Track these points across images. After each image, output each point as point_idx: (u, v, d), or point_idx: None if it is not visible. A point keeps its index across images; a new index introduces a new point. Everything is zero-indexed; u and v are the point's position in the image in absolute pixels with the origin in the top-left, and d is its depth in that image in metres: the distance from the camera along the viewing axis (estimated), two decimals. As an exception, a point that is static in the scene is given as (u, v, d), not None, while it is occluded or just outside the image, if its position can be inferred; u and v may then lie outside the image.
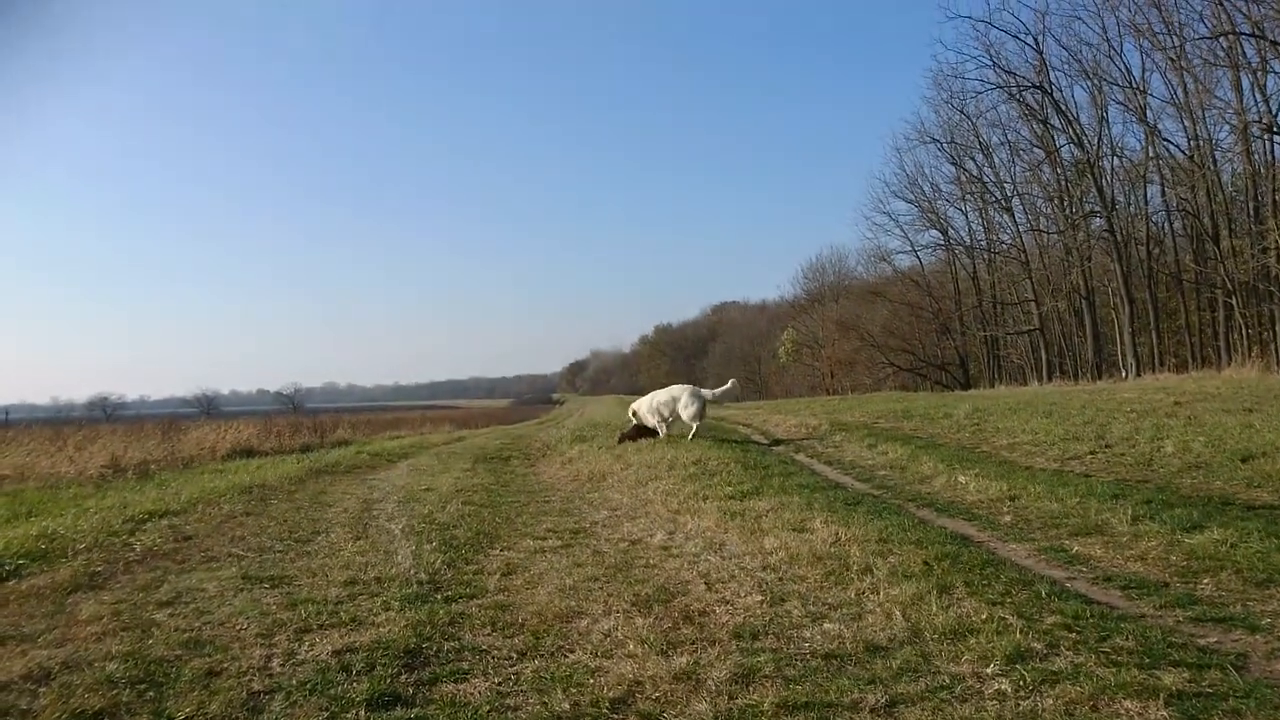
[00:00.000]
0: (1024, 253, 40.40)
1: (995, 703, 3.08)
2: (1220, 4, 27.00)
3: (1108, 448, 10.06)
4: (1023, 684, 3.22)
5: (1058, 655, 3.50)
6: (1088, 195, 35.99)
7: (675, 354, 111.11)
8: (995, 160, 41.52)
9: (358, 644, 4.09)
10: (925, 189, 45.26)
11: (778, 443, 14.64)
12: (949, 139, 42.45)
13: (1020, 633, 3.71)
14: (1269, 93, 26.93)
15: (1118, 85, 33.27)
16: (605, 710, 3.21)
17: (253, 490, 10.23)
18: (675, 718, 3.09)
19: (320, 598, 4.98)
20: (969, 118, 40.83)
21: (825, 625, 4.09)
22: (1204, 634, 3.82)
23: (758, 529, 6.36)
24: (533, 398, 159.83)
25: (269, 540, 7.06)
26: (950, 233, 45.70)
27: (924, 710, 3.06)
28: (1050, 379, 35.27)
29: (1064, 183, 37.13)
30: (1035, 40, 35.34)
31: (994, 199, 42.12)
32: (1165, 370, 28.99)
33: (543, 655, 3.89)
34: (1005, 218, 42.03)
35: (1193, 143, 30.58)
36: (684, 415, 13.99)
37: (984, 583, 4.59)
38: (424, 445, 20.33)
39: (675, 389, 14.86)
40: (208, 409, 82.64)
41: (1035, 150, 38.50)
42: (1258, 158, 28.40)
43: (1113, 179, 35.08)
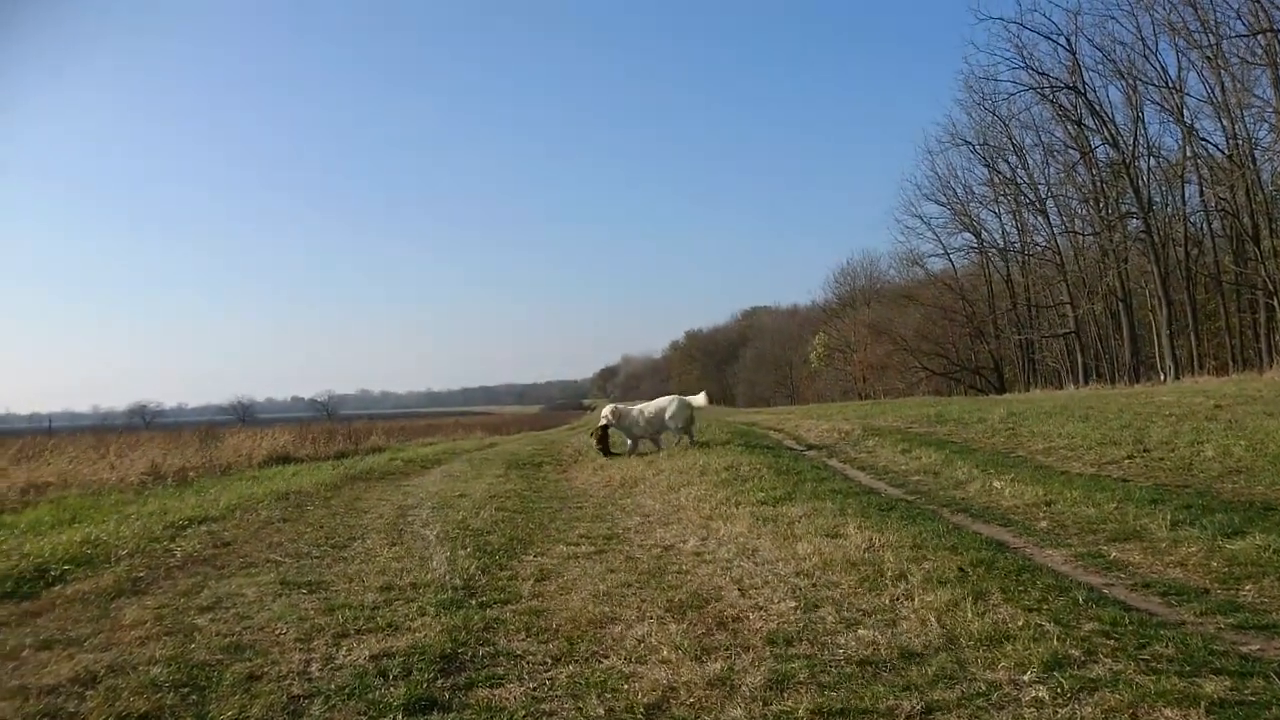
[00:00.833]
0: (1059, 255, 39.98)
1: (1033, 710, 3.05)
2: (1258, 1, 26.62)
3: (1146, 452, 9.92)
4: (1060, 691, 3.19)
5: (1096, 662, 3.47)
6: (1124, 196, 35.57)
7: (706, 359, 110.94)
8: (1029, 162, 41.17)
9: (394, 649, 4.14)
10: (958, 191, 44.97)
11: (810, 448, 14.59)
12: (981, 141, 42.18)
13: (1057, 639, 3.68)
14: (1310, 90, 26.49)
15: (1153, 85, 32.87)
16: (640, 716, 3.23)
17: (289, 497, 10.36)
18: (710, 723, 3.09)
19: (357, 603, 5.04)
20: (1001, 119, 40.54)
21: (860, 631, 4.08)
22: (1246, 641, 3.76)
23: (791, 535, 6.35)
24: (564, 403, 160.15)
25: (306, 546, 7.15)
26: (983, 235, 45.39)
27: (960, 717, 3.04)
28: (1086, 382, 34.82)
29: (1099, 184, 36.70)
30: (1068, 41, 35.03)
31: (1028, 201, 41.74)
32: (1205, 373, 28.53)
33: (577, 660, 3.92)
34: (1039, 220, 41.64)
35: (1231, 141, 30.11)
36: (673, 425, 14.10)
37: (1020, 589, 4.56)
38: (456, 451, 20.45)
39: (663, 400, 14.86)
40: (243, 416, 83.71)
41: (1069, 151, 38.11)
42: (1299, 156, 27.90)
43: (1149, 179, 34.64)
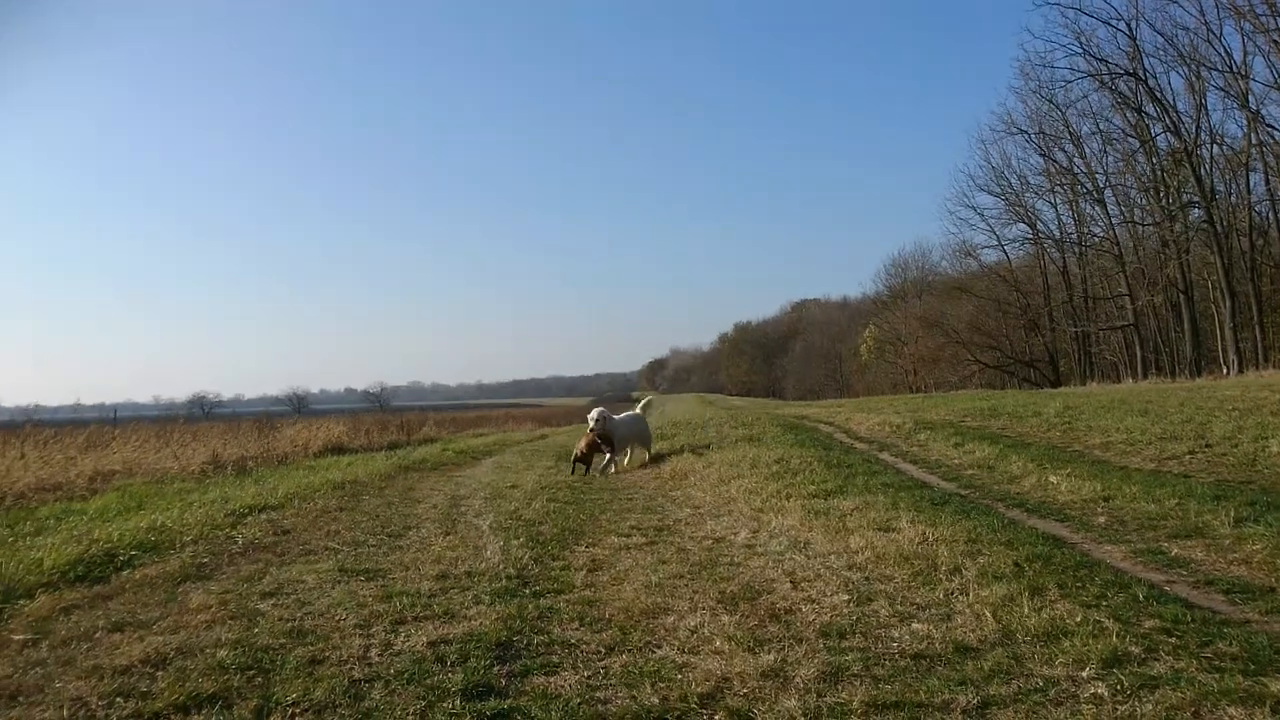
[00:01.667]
0: (1117, 246, 39.07)
1: (1092, 707, 3.02)
2: (1329, -18, 25.75)
3: (1208, 447, 9.70)
4: (1120, 688, 3.15)
5: (1157, 660, 3.42)
6: (1185, 185, 34.62)
7: (755, 352, 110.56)
8: (1086, 151, 40.27)
9: (451, 636, 4.21)
10: (1012, 181, 44.16)
11: (860, 441, 14.48)
12: (1037, 129, 41.38)
13: (1117, 636, 3.63)
14: (1383, 74, 25.58)
15: (1217, 70, 31.96)
16: (694, 705, 3.25)
17: (345, 486, 10.57)
18: (764, 714, 3.10)
19: (413, 591, 5.13)
20: (1058, 107, 39.70)
21: (913, 625, 4.06)
22: (1314, 641, 3.68)
23: (842, 528, 6.33)
24: (613, 396, 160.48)
25: (362, 535, 7.29)
26: (1039, 226, 44.50)
27: (1017, 713, 3.02)
28: (1145, 376, 34.09)
29: (1160, 173, 35.80)
30: (1128, 26, 34.22)
31: (1085, 191, 40.88)
32: (1270, 367, 27.71)
33: (630, 650, 3.95)
34: (1097, 210, 40.75)
35: (1299, 128, 29.16)
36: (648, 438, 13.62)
37: (1078, 585, 4.50)
38: (507, 443, 20.67)
39: (638, 412, 14.20)
40: (298, 407, 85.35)
41: (1129, 139, 37.22)
42: (1371, 142, 26.97)
43: (1212, 168, 33.72)
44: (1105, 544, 5.81)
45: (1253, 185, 33.11)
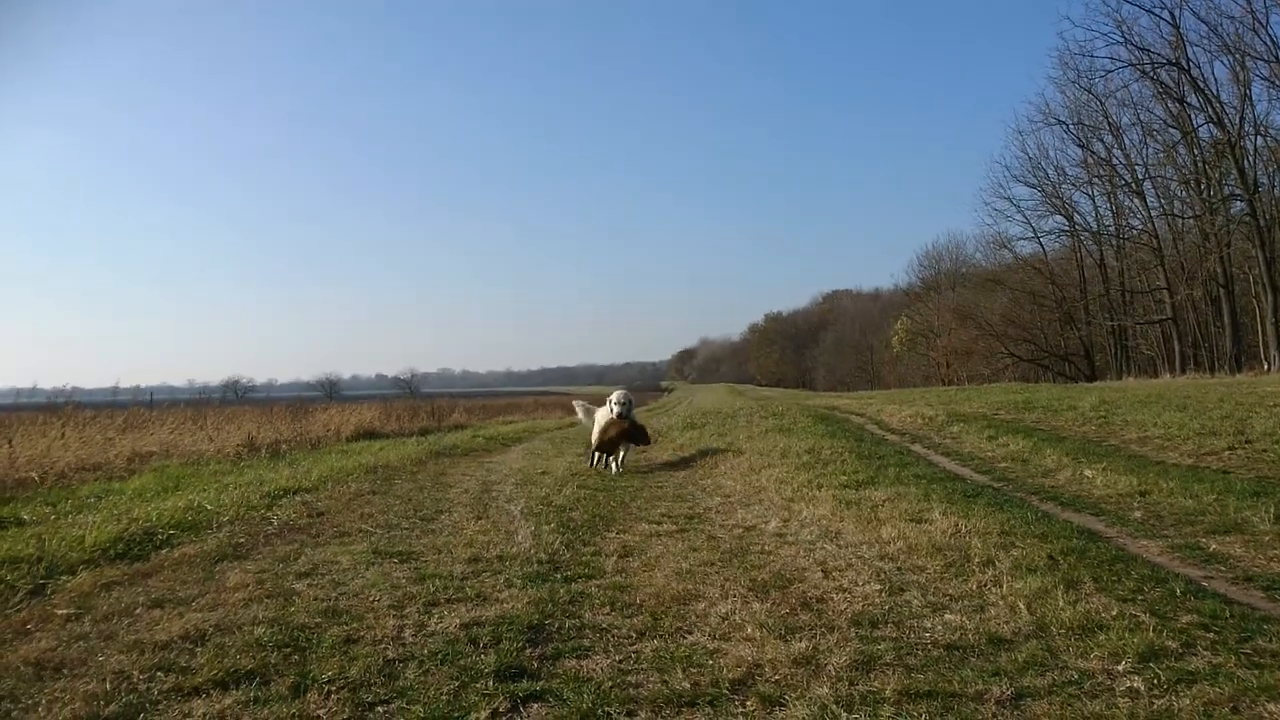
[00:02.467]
0: (1156, 239, 38.51)
1: (1128, 700, 2.99)
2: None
3: (1248, 443, 9.54)
4: (1157, 683, 3.12)
5: (1194, 655, 3.38)
6: (1228, 177, 34.05)
7: (785, 342, 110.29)
8: (1126, 142, 39.71)
9: (483, 618, 4.24)
10: (1049, 173, 43.65)
11: (892, 433, 14.40)
12: (1075, 120, 40.86)
13: (1154, 631, 3.59)
14: None
15: (1263, 60, 31.36)
16: (725, 691, 3.26)
17: (377, 470, 10.67)
18: (795, 700, 3.10)
19: (446, 573, 5.18)
20: (1097, 97, 39.18)
21: (946, 616, 4.04)
22: (1356, 639, 3.62)
23: (874, 518, 6.30)
24: (642, 385, 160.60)
25: (395, 518, 7.36)
26: (1075, 218, 43.99)
27: (1052, 704, 3.00)
28: (1184, 371, 33.56)
29: (1201, 164, 35.19)
30: (1171, 14, 33.66)
31: (1124, 182, 40.30)
32: (1312, 363, 27.18)
33: (662, 635, 3.96)
34: (1136, 202, 40.16)
35: (1347, 120, 28.51)
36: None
37: (1114, 579, 4.45)
38: (537, 430, 20.76)
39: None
40: (330, 393, 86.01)
41: (1170, 131, 36.64)
42: None
43: (1256, 160, 33.09)
44: (1141, 539, 5.74)
45: (1297, 178, 32.47)
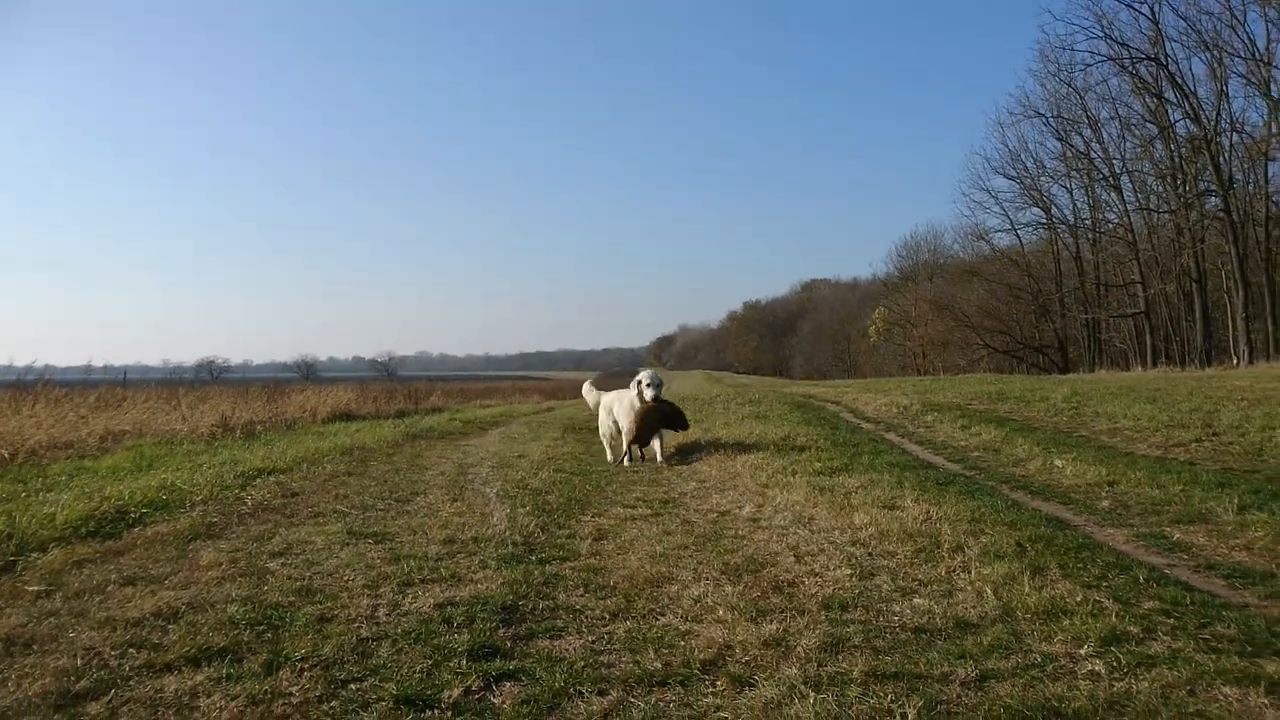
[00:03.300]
0: (1131, 233, 38.90)
1: (1088, 683, 3.06)
2: (1357, -31, 25.41)
3: (1215, 436, 9.70)
4: (1117, 666, 3.18)
5: (1155, 640, 3.45)
6: (1203, 173, 34.42)
7: (763, 330, 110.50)
8: (1104, 136, 40.06)
9: (457, 599, 4.27)
10: (1028, 165, 44.02)
11: (867, 421, 14.51)
12: (1055, 113, 41.21)
13: (1116, 616, 3.66)
14: None
15: (1240, 57, 31.71)
16: (696, 671, 3.29)
17: (353, 452, 10.64)
18: (765, 681, 3.15)
19: (421, 554, 5.19)
20: (1077, 91, 39.50)
21: (915, 600, 4.10)
22: (1312, 626, 3.71)
23: (847, 505, 6.37)
24: (620, 370, 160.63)
25: (370, 499, 7.36)
26: (1053, 211, 44.40)
27: (1015, 686, 3.06)
28: (1155, 364, 34.01)
29: (1178, 160, 35.57)
30: (1151, 9, 33.96)
31: (1101, 176, 40.68)
32: (1281, 358, 27.60)
33: (634, 617, 4.00)
34: (1112, 196, 40.58)
35: (1321, 118, 28.89)
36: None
37: (1079, 566, 4.53)
38: (514, 414, 20.73)
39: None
40: (307, 374, 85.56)
41: (1147, 125, 37.04)
42: (1392, 134, 26.70)
43: (1231, 156, 33.50)
44: (1108, 527, 5.84)
45: (1271, 175, 32.95)
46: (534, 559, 5.11)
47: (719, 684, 3.18)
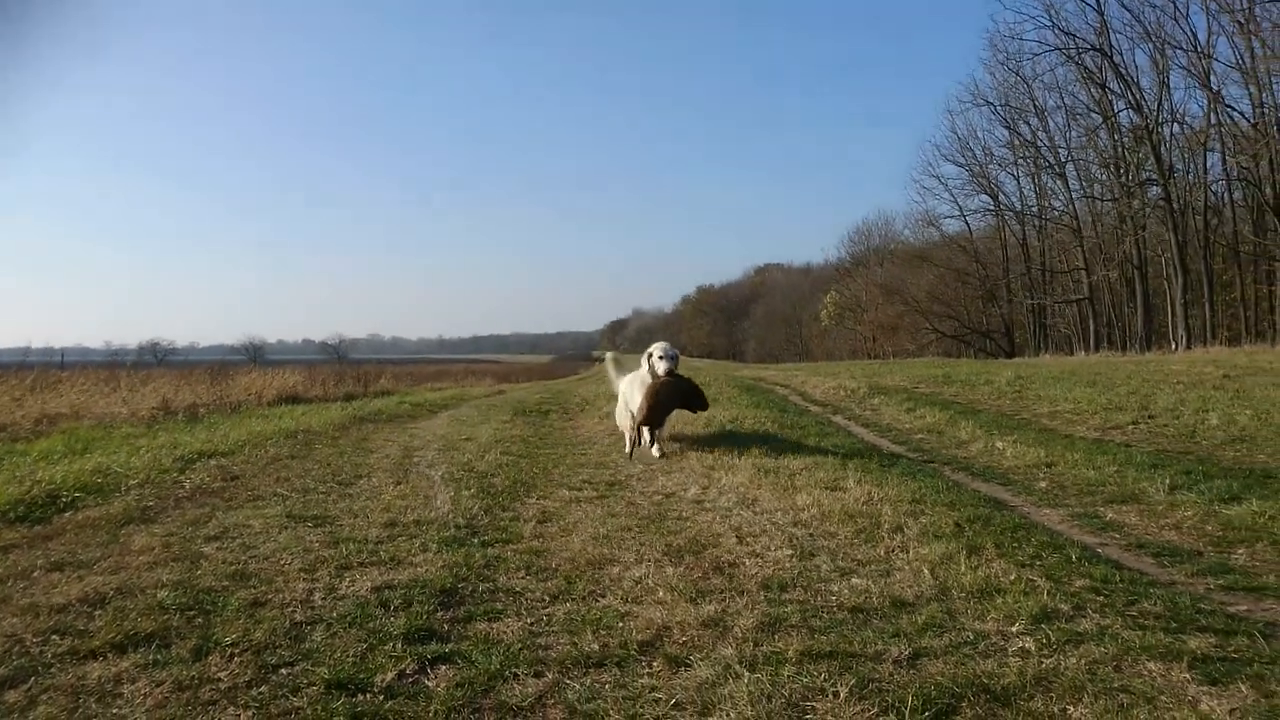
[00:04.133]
0: (1076, 220, 39.67)
1: (1018, 659, 3.11)
2: (1294, -36, 26.03)
3: (1151, 418, 9.94)
4: (1047, 643, 3.24)
5: (1084, 617, 3.52)
6: (1145, 162, 35.15)
7: (717, 314, 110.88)
8: (1050, 125, 40.77)
9: (396, 582, 4.21)
10: (977, 153, 44.63)
11: (815, 404, 14.63)
12: (1003, 102, 41.80)
13: (1048, 594, 3.73)
14: (1341, 59, 26.01)
15: (1181, 49, 32.37)
16: (634, 652, 3.29)
17: (298, 435, 10.47)
18: (701, 661, 3.15)
19: (361, 537, 5.12)
20: (1025, 80, 40.10)
21: (853, 580, 4.14)
22: (1234, 602, 3.81)
23: (791, 486, 6.41)
24: (574, 354, 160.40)
25: (313, 482, 7.24)
26: (1001, 198, 45.07)
27: (946, 664, 3.10)
28: (1097, 349, 34.75)
29: (1121, 149, 36.27)
30: (1097, 1, 34.37)
31: (1047, 164, 41.38)
32: (1217, 344, 28.41)
33: (575, 599, 3.98)
34: (1058, 184, 41.30)
35: (1258, 110, 29.74)
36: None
37: (1014, 545, 4.61)
38: (465, 397, 20.56)
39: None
40: (254, 356, 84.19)
41: (1092, 115, 37.69)
42: (1326, 127, 27.46)
43: (1172, 146, 34.26)
44: (1045, 508, 5.96)
45: (1210, 165, 33.78)
46: (476, 541, 5.06)
47: (655, 665, 3.18)
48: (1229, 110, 31.13)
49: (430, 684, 3.06)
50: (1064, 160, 40.47)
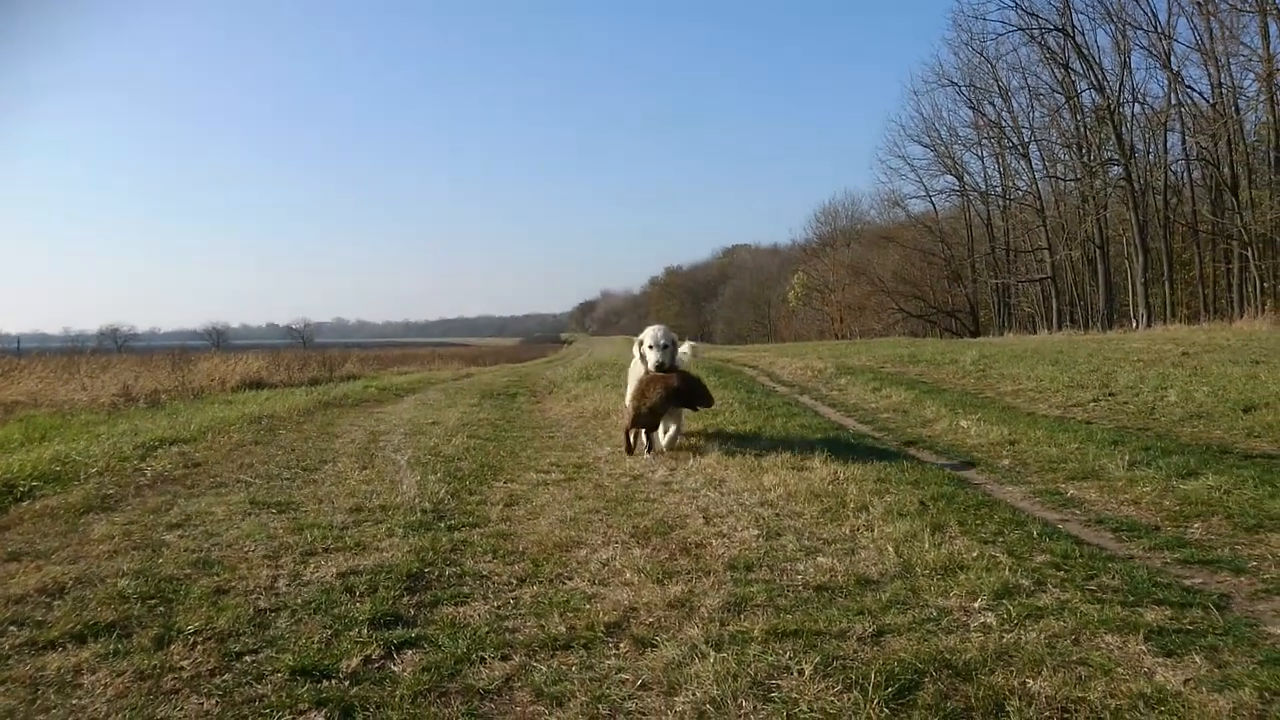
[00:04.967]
0: (1039, 200, 40.05)
1: (980, 635, 3.15)
2: (1252, -54, 26.35)
3: (1111, 396, 10.09)
4: (1008, 618, 3.29)
5: (1044, 592, 3.57)
6: (1107, 142, 35.55)
7: (685, 296, 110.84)
8: (1014, 105, 41.05)
9: (361, 567, 4.19)
10: (942, 133, 44.86)
11: (783, 385, 14.70)
12: (968, 82, 41.99)
13: (1009, 570, 3.79)
14: (1297, 40, 26.41)
15: (1142, 30, 32.71)
16: (600, 634, 3.29)
17: (261, 420, 10.35)
18: (667, 642, 3.16)
19: (326, 523, 5.08)
20: (989, 60, 40.30)
21: (819, 559, 4.17)
22: (1190, 575, 3.89)
23: (758, 467, 6.44)
24: (542, 337, 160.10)
25: (277, 468, 7.17)
26: (965, 178, 45.37)
27: (910, 640, 3.13)
28: (1060, 328, 35.18)
29: (1083, 129, 36.63)
30: (1060, -19, 34.58)
31: (1011, 144, 41.69)
32: (1177, 321, 28.87)
33: (542, 582, 3.98)
34: (1022, 164, 41.63)
35: (1216, 90, 30.14)
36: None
37: (977, 522, 4.67)
38: (432, 381, 20.43)
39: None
40: (218, 342, 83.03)
41: (1055, 95, 37.99)
42: (1282, 107, 27.89)
43: (1133, 126, 34.63)
44: (1007, 485, 6.04)
45: (1170, 145, 34.18)
46: (443, 526, 5.04)
47: (622, 646, 3.18)
48: (1189, 91, 31.60)
49: (396, 669, 3.05)
50: (1027, 140, 40.87)
